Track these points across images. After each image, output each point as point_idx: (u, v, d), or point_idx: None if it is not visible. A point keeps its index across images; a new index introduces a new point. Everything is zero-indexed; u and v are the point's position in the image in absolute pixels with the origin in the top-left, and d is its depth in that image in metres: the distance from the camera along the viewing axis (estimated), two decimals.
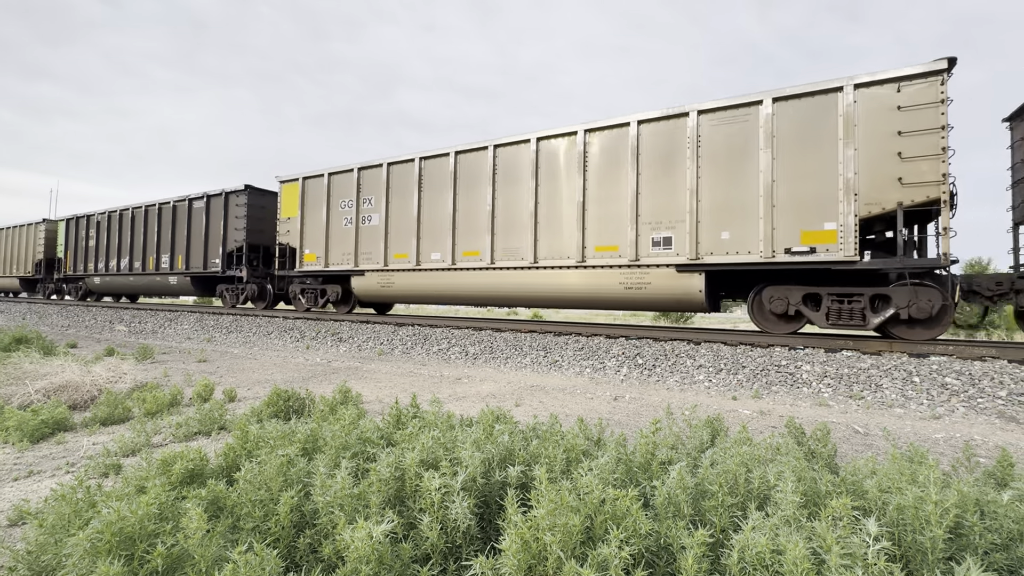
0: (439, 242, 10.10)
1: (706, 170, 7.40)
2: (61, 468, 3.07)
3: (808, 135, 6.74)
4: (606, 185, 8.29)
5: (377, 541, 1.37)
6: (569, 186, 8.66)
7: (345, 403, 3.92)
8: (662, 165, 7.76)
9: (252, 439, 2.36)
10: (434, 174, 10.28)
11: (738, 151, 7.20)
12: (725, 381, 5.99)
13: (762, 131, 7.00)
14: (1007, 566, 1.45)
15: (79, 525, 1.61)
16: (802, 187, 6.75)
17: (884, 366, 5.68)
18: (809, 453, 2.49)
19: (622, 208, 8.10)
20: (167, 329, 12.62)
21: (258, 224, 14.33)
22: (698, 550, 1.32)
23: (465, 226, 9.78)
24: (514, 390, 5.67)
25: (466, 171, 9.87)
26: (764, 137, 6.98)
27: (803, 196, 6.75)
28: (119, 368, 6.09)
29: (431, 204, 10.30)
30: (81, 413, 4.40)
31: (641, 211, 7.90)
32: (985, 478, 2.05)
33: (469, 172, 9.82)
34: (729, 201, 7.23)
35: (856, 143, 6.43)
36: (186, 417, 3.82)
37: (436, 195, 10.24)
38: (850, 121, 6.46)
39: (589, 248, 8.41)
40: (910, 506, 1.48)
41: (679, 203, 7.59)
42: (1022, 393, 4.81)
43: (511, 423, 2.49)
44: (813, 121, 6.72)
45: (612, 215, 8.21)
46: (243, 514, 1.69)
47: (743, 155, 7.16)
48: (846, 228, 6.44)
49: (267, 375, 6.58)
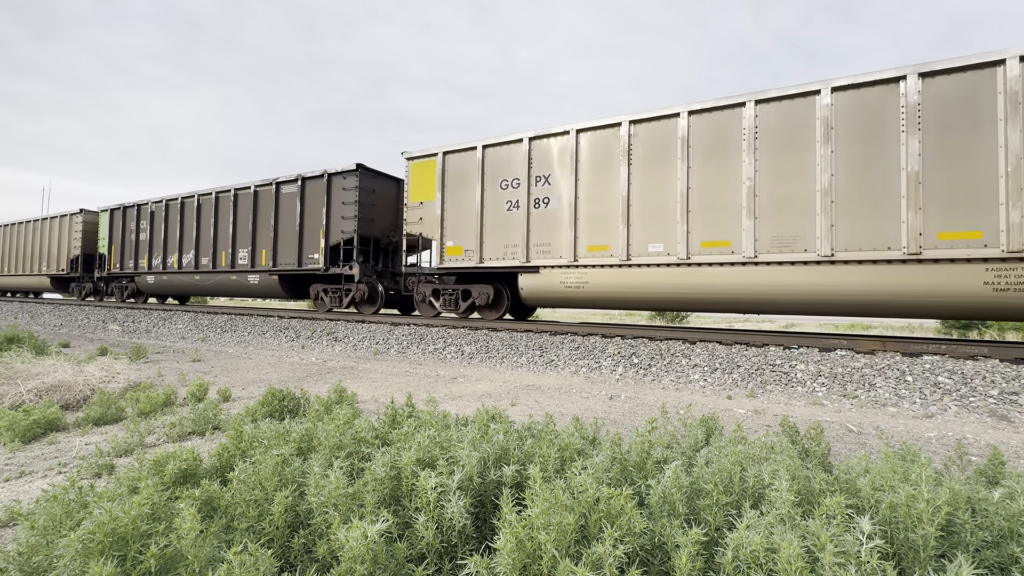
0: (660, 231, 7.80)
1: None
2: (53, 469, 3.05)
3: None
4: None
5: (372, 541, 1.37)
6: (889, 153, 6.27)
7: (340, 403, 3.91)
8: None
9: (246, 439, 2.35)
10: (650, 142, 7.92)
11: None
12: (720, 380, 6.01)
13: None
14: (998, 563, 1.46)
15: (71, 526, 1.60)
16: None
17: (878, 365, 5.72)
18: (803, 452, 2.51)
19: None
20: (161, 328, 12.54)
21: (368, 212, 11.75)
22: (692, 548, 1.32)
23: (704, 209, 7.48)
24: (510, 389, 5.67)
25: (706, 136, 7.48)
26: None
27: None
28: (112, 368, 6.05)
29: (645, 182, 7.94)
30: (74, 413, 4.37)
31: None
32: (976, 476, 2.07)
33: (710, 137, 7.44)
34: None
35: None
36: (180, 417, 3.79)
37: (653, 171, 7.87)
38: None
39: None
40: (903, 504, 1.49)
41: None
42: (1013, 392, 4.85)
43: (506, 422, 2.49)
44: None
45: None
46: (237, 514, 1.69)
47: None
48: None
49: (262, 375, 6.55)
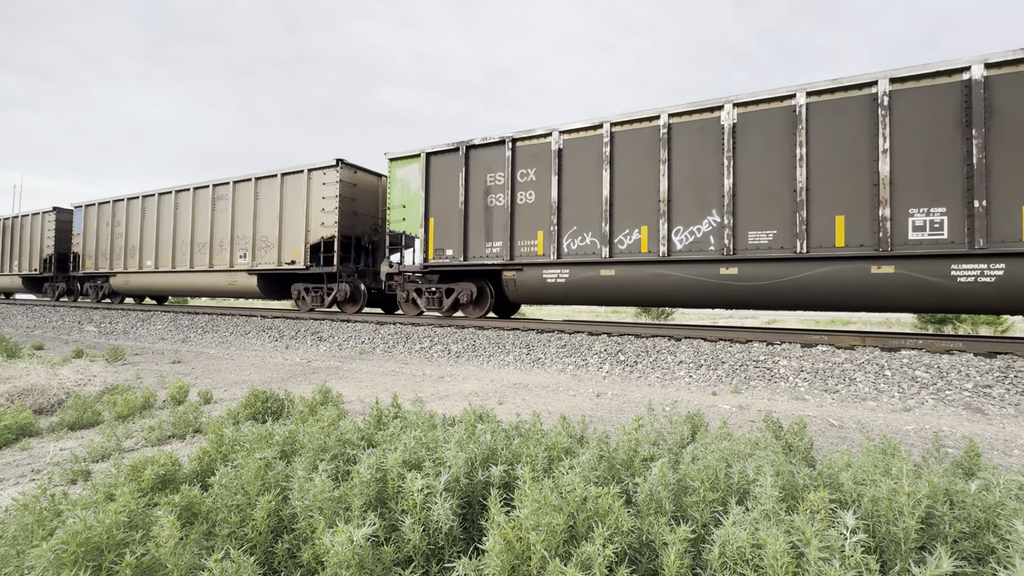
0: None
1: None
2: (26, 475, 2.95)
3: None
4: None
5: (358, 545, 1.35)
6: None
7: (325, 403, 3.86)
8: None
9: (228, 442, 2.30)
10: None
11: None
12: (705, 376, 6.08)
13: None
14: (975, 554, 1.49)
15: (43, 535, 1.54)
16: None
17: (858, 360, 5.84)
18: (787, 447, 2.54)
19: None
20: (139, 329, 12.25)
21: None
22: (680, 546, 1.33)
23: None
24: (497, 388, 5.66)
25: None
26: None
27: None
28: (88, 370, 5.89)
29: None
30: (47, 418, 4.23)
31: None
32: (954, 468, 2.12)
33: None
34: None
35: None
36: (159, 420, 3.70)
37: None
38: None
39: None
40: (884, 498, 1.52)
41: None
42: (987, 385, 4.99)
43: (493, 422, 2.48)
44: None
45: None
46: (218, 520, 1.65)
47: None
48: None
49: (244, 376, 6.43)
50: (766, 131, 7.09)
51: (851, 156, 6.57)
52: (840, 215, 6.63)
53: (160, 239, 14.70)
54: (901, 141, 6.31)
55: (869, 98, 6.46)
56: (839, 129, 6.63)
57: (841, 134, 6.63)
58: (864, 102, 6.50)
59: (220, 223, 13.24)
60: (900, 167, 6.31)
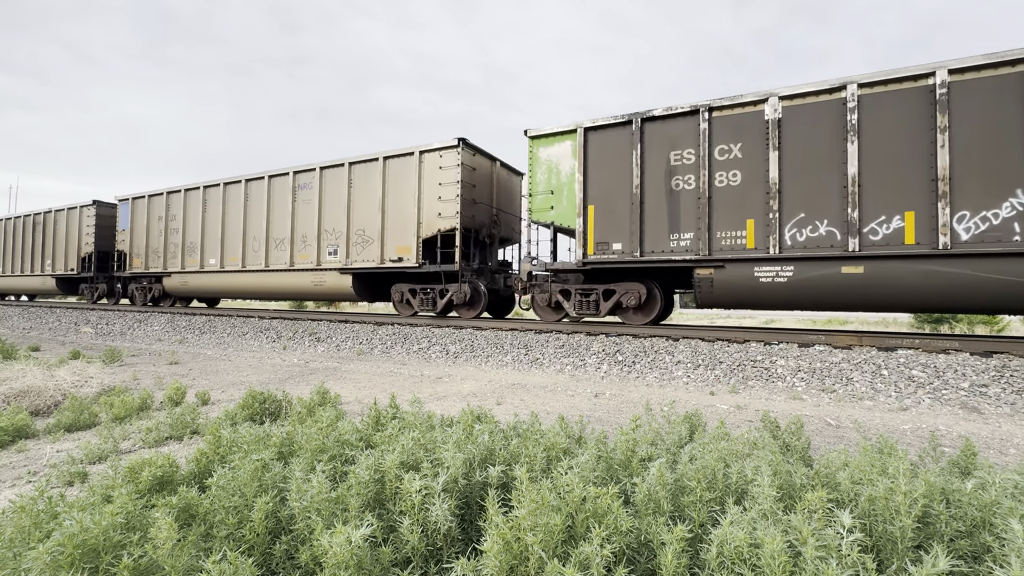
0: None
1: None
2: (22, 477, 2.94)
3: None
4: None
5: (356, 546, 1.34)
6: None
7: (323, 404, 3.85)
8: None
9: (226, 443, 2.30)
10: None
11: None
12: (703, 377, 6.09)
13: None
14: (971, 552, 1.50)
15: (39, 537, 1.54)
16: None
17: (855, 360, 5.85)
18: (784, 447, 2.55)
19: None
20: (136, 331, 12.22)
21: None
22: (678, 546, 1.33)
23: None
24: (495, 388, 5.66)
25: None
26: None
27: None
28: (85, 372, 5.87)
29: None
30: (44, 419, 4.22)
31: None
32: (950, 467, 2.12)
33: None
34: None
35: None
36: (156, 421, 3.69)
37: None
38: None
39: None
40: (881, 497, 1.52)
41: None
42: (983, 384, 5.01)
43: (492, 422, 2.48)
44: None
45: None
46: (216, 521, 1.64)
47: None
48: None
49: (242, 377, 6.42)
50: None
51: None
52: None
53: (226, 235, 12.79)
54: None
55: None
56: None
57: None
58: None
59: (303, 215, 11.40)
60: None
